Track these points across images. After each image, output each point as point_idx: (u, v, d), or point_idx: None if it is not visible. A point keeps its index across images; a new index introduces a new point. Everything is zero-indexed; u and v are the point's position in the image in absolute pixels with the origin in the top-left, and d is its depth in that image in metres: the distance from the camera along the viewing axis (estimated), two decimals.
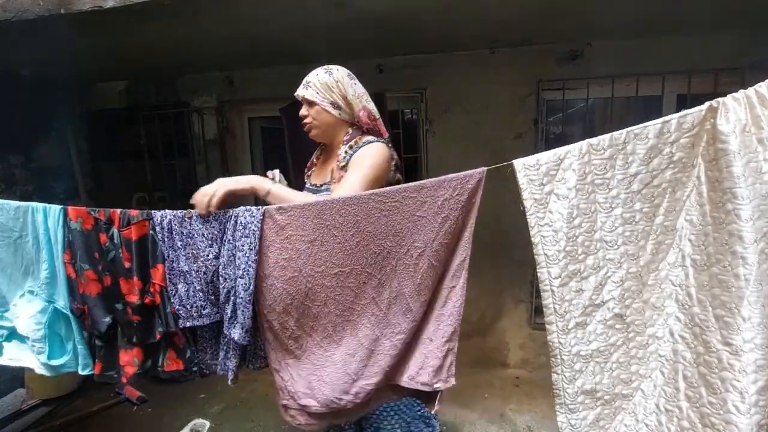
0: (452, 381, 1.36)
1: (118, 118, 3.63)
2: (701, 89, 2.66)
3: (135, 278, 1.36)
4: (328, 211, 1.30)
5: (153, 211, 1.36)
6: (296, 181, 3.04)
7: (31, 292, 1.54)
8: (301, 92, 1.54)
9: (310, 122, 1.56)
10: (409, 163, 3.34)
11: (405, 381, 1.39)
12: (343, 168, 1.48)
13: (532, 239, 1.21)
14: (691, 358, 1.19)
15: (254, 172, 3.71)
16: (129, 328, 1.41)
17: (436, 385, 1.36)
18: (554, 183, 1.19)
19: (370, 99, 1.58)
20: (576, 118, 3.53)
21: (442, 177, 1.27)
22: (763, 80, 1.06)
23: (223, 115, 3.55)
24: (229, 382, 1.43)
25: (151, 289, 1.37)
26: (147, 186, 3.68)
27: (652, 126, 1.15)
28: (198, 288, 1.34)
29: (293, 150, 3.04)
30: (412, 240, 1.32)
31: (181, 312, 1.35)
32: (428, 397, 1.41)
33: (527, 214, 1.20)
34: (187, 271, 1.33)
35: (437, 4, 1.97)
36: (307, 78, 1.53)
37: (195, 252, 1.32)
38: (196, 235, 1.32)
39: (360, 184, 1.39)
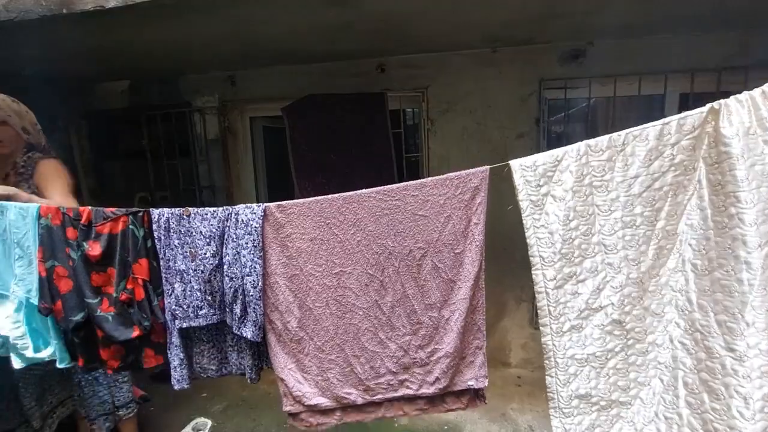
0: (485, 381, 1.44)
1: (120, 118, 3.64)
2: (704, 88, 2.64)
3: (109, 270, 1.36)
4: (328, 209, 1.31)
5: (151, 209, 1.36)
6: (298, 181, 3.06)
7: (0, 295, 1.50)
8: None
9: None
10: (410, 162, 3.34)
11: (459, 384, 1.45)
12: None
13: (528, 240, 1.22)
14: (691, 364, 1.17)
15: (256, 172, 3.71)
16: (104, 322, 1.38)
17: (469, 383, 1.43)
18: (551, 185, 1.18)
19: None
20: (578, 117, 3.53)
21: (444, 175, 1.28)
22: (767, 79, 1.05)
23: (225, 115, 3.55)
24: (249, 380, 1.45)
25: (129, 286, 1.36)
26: (149, 185, 3.70)
27: (652, 127, 1.13)
28: (196, 287, 1.34)
29: (295, 150, 3.04)
30: (414, 240, 1.32)
31: (177, 312, 1.35)
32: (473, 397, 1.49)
33: (523, 215, 1.20)
34: (184, 270, 1.33)
35: (438, 3, 1.97)
36: None
37: (193, 250, 1.33)
38: (194, 233, 1.33)
39: None
